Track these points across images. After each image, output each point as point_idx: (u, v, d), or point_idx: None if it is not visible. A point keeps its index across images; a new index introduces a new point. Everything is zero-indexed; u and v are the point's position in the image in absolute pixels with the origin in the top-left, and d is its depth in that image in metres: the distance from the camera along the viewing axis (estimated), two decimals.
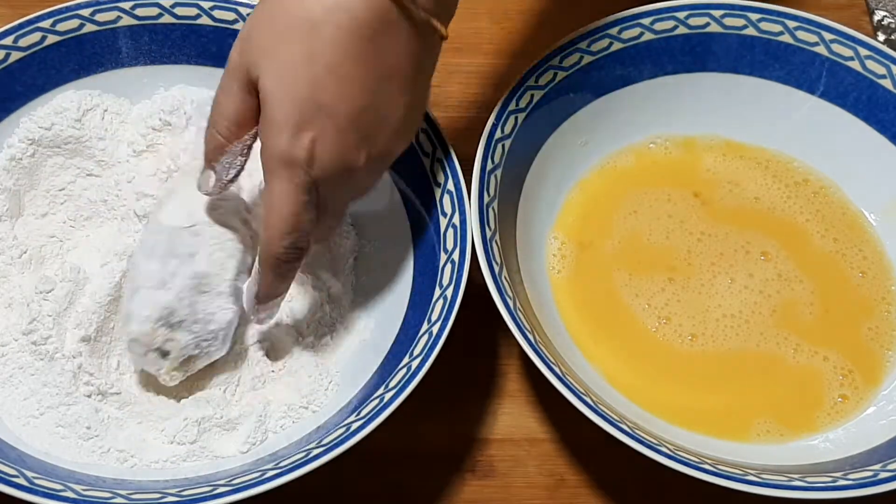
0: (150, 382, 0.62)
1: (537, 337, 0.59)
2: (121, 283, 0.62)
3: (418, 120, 0.60)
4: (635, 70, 0.71)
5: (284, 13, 0.53)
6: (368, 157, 0.55)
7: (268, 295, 0.59)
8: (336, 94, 0.53)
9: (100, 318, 0.61)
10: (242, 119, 0.56)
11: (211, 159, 0.57)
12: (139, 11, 0.68)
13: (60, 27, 0.67)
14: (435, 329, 0.58)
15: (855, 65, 0.69)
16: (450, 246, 0.61)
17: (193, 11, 0.69)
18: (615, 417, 0.56)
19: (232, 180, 0.58)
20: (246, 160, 0.57)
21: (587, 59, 0.69)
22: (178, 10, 0.69)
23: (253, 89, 0.55)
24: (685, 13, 0.70)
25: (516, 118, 0.66)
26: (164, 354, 0.59)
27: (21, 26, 0.67)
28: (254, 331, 0.63)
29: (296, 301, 0.64)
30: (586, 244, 0.69)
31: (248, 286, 0.60)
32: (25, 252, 0.65)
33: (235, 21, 0.68)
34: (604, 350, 0.65)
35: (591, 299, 0.67)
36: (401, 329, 0.62)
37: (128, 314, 0.59)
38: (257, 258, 0.58)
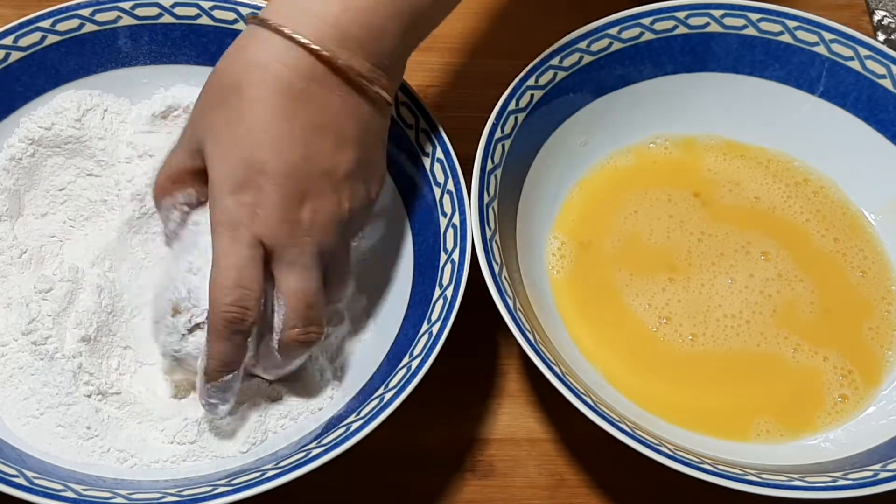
0: (150, 382, 0.62)
1: (537, 337, 0.59)
2: (115, 282, 0.62)
3: (372, 178, 0.59)
4: (635, 70, 0.71)
5: (217, 83, 0.57)
6: (314, 210, 0.55)
7: (216, 367, 0.56)
8: (267, 150, 0.54)
9: (100, 319, 0.61)
10: (178, 176, 0.58)
11: (157, 209, 0.60)
12: (139, 11, 0.68)
13: (60, 27, 0.67)
14: (435, 329, 0.58)
15: (855, 65, 0.69)
16: (450, 246, 0.61)
17: (193, 11, 0.69)
18: (615, 417, 0.56)
19: (176, 232, 0.59)
20: (181, 218, 0.59)
21: (587, 59, 0.69)
22: (178, 10, 0.69)
23: (197, 156, 0.57)
24: (685, 13, 0.70)
25: (516, 118, 0.66)
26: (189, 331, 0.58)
27: (21, 26, 0.67)
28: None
29: None
30: (586, 244, 0.69)
31: (199, 367, 0.57)
32: (25, 252, 0.65)
33: (235, 21, 0.68)
34: (604, 350, 0.65)
35: (591, 299, 0.67)
36: (401, 329, 0.62)
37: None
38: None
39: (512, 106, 0.66)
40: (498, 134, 0.65)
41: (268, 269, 0.56)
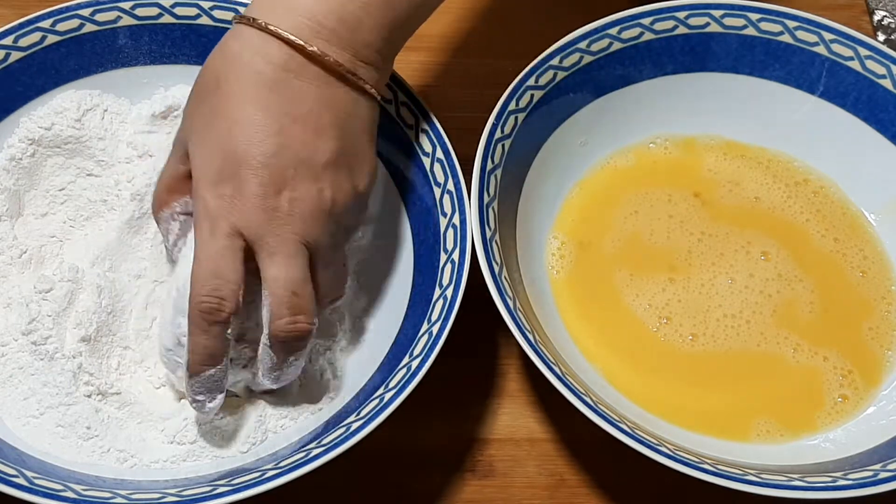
0: (150, 382, 0.62)
1: (537, 337, 0.59)
2: (115, 282, 0.62)
3: (358, 170, 0.58)
4: (635, 70, 0.71)
5: (200, 82, 0.57)
6: (293, 199, 0.55)
7: (197, 360, 0.55)
8: (243, 141, 0.55)
9: (100, 319, 0.61)
10: (172, 186, 0.59)
11: (157, 223, 0.60)
12: (139, 11, 0.68)
13: (60, 27, 0.67)
14: (435, 329, 0.58)
15: (855, 65, 0.69)
16: (450, 246, 0.61)
17: (193, 11, 0.69)
18: (615, 417, 0.56)
19: (177, 244, 0.59)
20: (181, 229, 0.59)
21: (587, 59, 0.69)
22: (178, 10, 0.69)
23: (185, 159, 0.57)
24: (685, 13, 0.70)
25: (516, 118, 0.66)
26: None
27: (21, 26, 0.67)
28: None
29: None
30: (586, 244, 0.69)
31: (184, 363, 0.57)
32: (25, 252, 0.65)
33: None
34: (604, 350, 0.65)
35: (591, 299, 0.67)
36: (401, 329, 0.62)
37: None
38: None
39: (512, 106, 0.66)
40: (498, 134, 0.65)
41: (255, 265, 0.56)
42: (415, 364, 0.57)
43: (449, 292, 0.60)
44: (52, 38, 0.67)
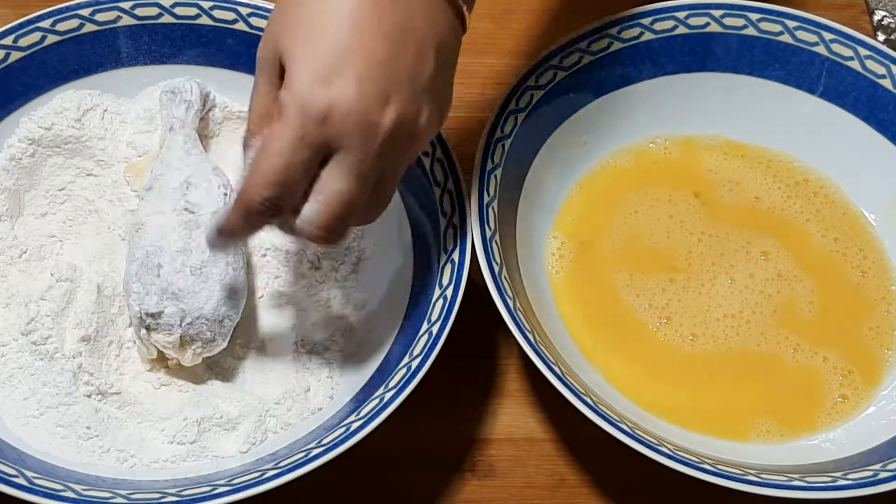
0: (149, 382, 0.62)
1: (537, 337, 0.59)
2: (116, 281, 0.62)
3: (444, 102, 0.55)
4: (635, 70, 0.71)
5: None
6: (393, 118, 0.51)
7: (229, 232, 0.54)
8: (354, 45, 0.50)
9: (99, 318, 0.61)
10: (267, 112, 0.53)
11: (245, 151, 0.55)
12: (139, 11, 0.68)
13: (60, 27, 0.67)
14: (435, 329, 0.58)
15: (855, 65, 0.69)
16: (450, 246, 0.61)
17: (193, 11, 0.69)
18: (615, 417, 0.56)
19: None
20: None
21: (587, 59, 0.69)
22: (178, 10, 0.69)
23: (277, 75, 0.53)
24: (685, 13, 0.70)
25: (516, 118, 0.66)
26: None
27: (21, 26, 0.67)
28: (254, 329, 0.63)
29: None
30: (586, 244, 0.69)
31: (217, 212, 0.58)
32: (25, 252, 0.65)
33: (235, 21, 0.68)
34: (604, 350, 0.65)
35: (591, 299, 0.67)
36: (401, 329, 0.62)
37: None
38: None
39: (512, 106, 0.66)
40: (498, 134, 0.65)
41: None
42: (415, 364, 0.57)
43: (449, 292, 0.60)
44: (52, 38, 0.67)
